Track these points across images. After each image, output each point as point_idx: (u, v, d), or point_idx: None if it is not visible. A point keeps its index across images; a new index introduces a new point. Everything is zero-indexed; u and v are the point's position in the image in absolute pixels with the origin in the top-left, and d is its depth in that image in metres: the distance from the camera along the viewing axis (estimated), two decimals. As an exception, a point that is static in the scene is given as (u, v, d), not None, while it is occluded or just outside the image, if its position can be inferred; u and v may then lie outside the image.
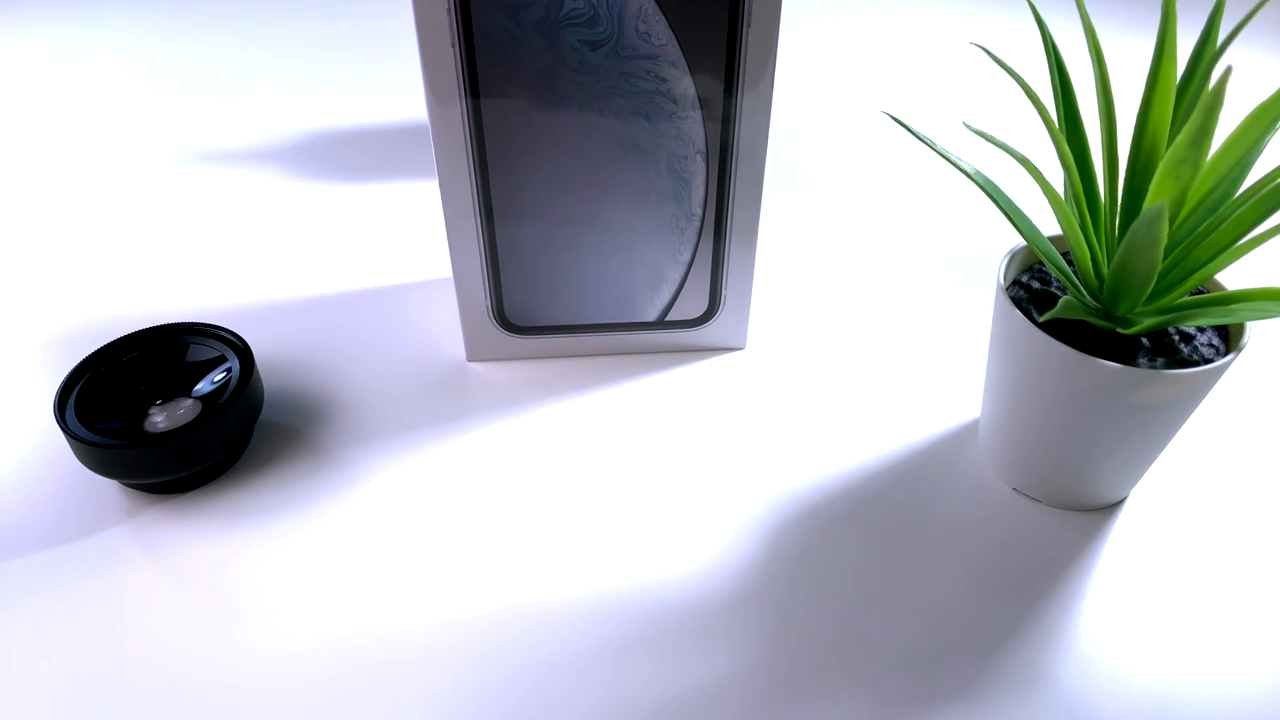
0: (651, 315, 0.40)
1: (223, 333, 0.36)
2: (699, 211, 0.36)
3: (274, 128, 0.59)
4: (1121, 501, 0.34)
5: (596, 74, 0.32)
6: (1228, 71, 0.22)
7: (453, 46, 0.31)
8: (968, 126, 0.28)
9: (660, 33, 0.32)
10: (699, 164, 0.35)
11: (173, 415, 0.34)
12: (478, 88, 0.32)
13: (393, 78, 0.66)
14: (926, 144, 0.30)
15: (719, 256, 0.38)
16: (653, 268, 0.38)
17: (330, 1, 0.79)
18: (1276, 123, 0.28)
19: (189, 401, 0.35)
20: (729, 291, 0.39)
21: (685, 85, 0.33)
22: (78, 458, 0.33)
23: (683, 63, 0.32)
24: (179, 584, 0.31)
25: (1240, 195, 0.29)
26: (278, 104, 0.62)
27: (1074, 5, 0.80)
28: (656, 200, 0.36)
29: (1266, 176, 0.28)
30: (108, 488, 0.34)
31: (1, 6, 0.77)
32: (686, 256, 0.38)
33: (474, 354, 0.40)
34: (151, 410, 0.34)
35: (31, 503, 0.34)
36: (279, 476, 0.35)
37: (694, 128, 0.34)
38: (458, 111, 0.33)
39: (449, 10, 0.30)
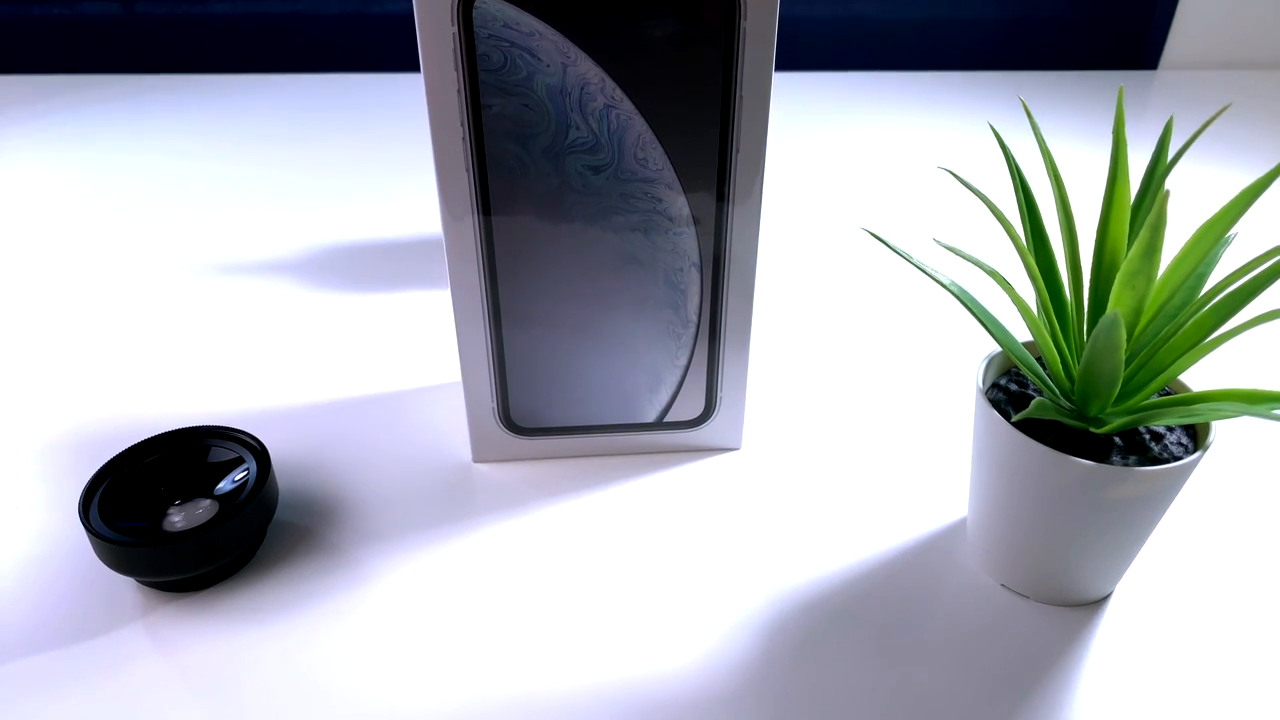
0: (650, 417, 0.41)
1: (241, 435, 0.38)
2: (694, 318, 0.39)
3: (290, 242, 0.62)
4: (1107, 596, 0.35)
5: (598, 195, 0.35)
6: (1166, 194, 0.25)
7: (467, 171, 0.34)
8: (938, 242, 0.30)
9: (656, 158, 0.35)
10: (694, 275, 0.37)
11: (191, 515, 0.36)
12: (489, 206, 0.35)
13: (402, 195, 0.70)
14: (904, 258, 0.32)
15: (714, 361, 0.40)
16: (651, 371, 0.40)
17: (349, 127, 0.84)
18: (1225, 235, 0.30)
19: (207, 502, 0.36)
20: (724, 394, 0.41)
21: (680, 205, 0.36)
22: (98, 556, 0.34)
23: (677, 185, 0.35)
24: (191, 680, 0.32)
25: (1198, 300, 0.31)
26: (294, 220, 0.66)
27: (1047, 107, 0.85)
28: (654, 308, 0.38)
29: (1219, 284, 0.31)
30: (124, 585, 0.35)
31: (34, 130, 0.81)
32: (683, 361, 0.40)
33: (480, 455, 0.42)
34: (170, 510, 0.36)
35: (50, 599, 0.35)
36: (291, 575, 0.36)
37: (688, 242, 0.37)
38: (470, 226, 0.35)
39: (463, 140, 0.33)
